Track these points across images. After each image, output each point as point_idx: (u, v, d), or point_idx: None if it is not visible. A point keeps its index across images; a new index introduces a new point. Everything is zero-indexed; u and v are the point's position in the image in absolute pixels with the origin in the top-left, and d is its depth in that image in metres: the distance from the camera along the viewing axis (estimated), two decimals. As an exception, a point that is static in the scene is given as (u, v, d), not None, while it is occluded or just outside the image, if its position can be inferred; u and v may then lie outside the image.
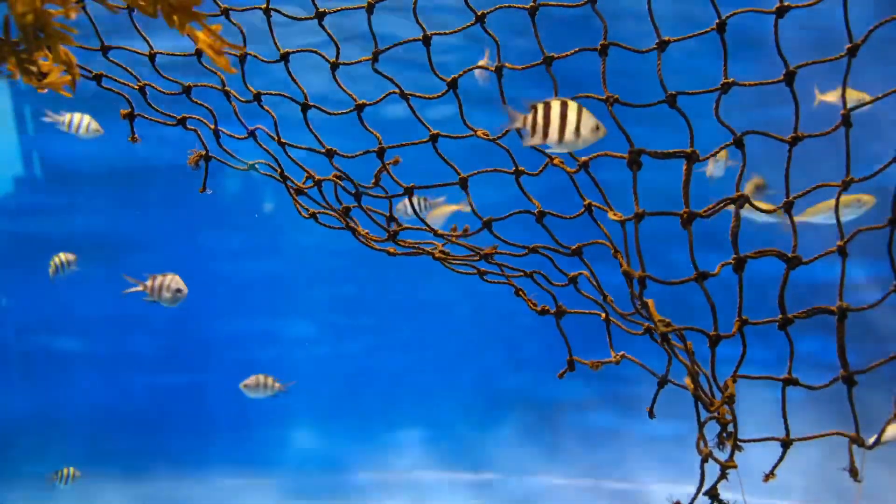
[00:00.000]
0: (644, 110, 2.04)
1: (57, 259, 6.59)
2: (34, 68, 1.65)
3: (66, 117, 5.99)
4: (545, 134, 1.98)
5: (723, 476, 1.84)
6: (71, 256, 6.58)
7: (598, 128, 2.00)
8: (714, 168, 5.30)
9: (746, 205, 1.90)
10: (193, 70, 2.43)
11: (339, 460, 8.23)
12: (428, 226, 2.40)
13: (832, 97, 5.32)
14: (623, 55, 2.05)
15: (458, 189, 2.35)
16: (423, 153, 2.39)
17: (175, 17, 1.60)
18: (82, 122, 5.98)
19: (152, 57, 2.33)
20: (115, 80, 2.37)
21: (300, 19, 2.27)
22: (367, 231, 2.57)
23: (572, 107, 1.97)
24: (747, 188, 4.78)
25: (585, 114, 1.98)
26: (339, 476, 8.08)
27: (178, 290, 5.41)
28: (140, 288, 5.25)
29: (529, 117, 2.00)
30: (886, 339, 6.00)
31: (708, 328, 2.08)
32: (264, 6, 2.22)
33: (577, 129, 1.97)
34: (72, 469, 6.49)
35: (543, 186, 2.44)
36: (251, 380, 6.37)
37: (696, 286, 2.01)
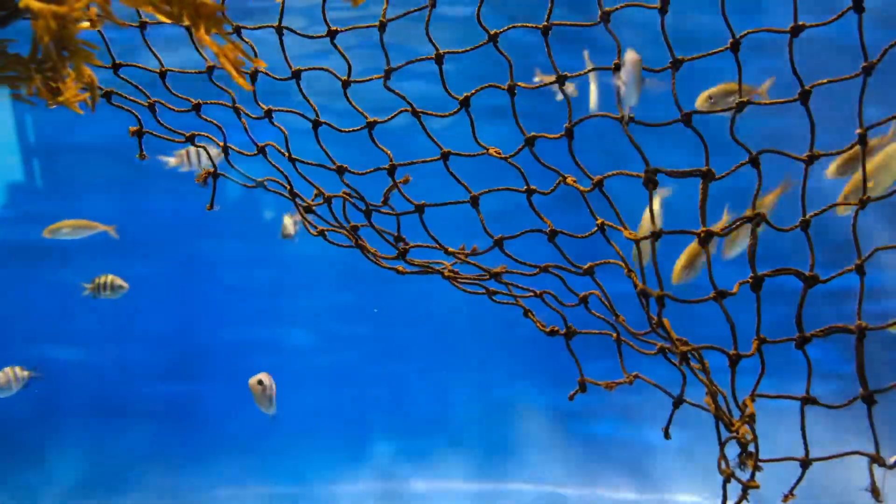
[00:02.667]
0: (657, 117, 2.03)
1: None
2: (56, 86, 1.63)
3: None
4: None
5: (744, 496, 1.83)
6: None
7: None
8: None
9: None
10: (201, 84, 2.42)
11: (338, 470, 8.19)
12: (439, 244, 2.39)
13: None
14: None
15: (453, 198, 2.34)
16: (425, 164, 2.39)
17: (200, 24, 1.57)
18: None
19: (163, 74, 2.32)
20: (125, 97, 2.35)
21: (312, 37, 2.26)
22: (375, 249, 2.56)
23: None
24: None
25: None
26: (339, 486, 8.04)
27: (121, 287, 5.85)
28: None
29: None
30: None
31: (709, 338, 2.07)
32: (276, 24, 2.21)
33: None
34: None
35: (548, 198, 2.44)
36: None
37: (690, 295, 2.01)
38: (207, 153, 2.66)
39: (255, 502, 7.88)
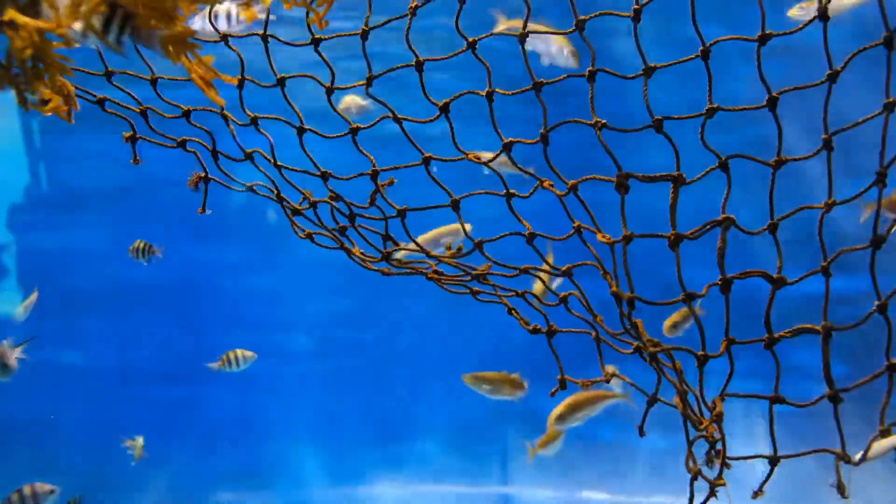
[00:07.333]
0: (631, 123, 2.09)
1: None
2: (36, 97, 1.70)
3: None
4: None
5: (712, 493, 1.87)
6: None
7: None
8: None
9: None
10: (194, 88, 2.48)
11: (338, 474, 8.23)
12: (420, 247, 2.45)
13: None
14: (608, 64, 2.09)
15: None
16: (414, 170, 2.45)
17: (170, 48, 1.65)
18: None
19: (154, 81, 2.39)
20: (118, 104, 2.42)
21: (297, 45, 2.33)
22: (361, 251, 2.62)
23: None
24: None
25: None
26: (340, 490, 8.08)
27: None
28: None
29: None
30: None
31: (690, 340, 2.12)
32: (262, 32, 2.28)
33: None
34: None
35: (530, 204, 2.49)
36: None
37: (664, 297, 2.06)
38: None
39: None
